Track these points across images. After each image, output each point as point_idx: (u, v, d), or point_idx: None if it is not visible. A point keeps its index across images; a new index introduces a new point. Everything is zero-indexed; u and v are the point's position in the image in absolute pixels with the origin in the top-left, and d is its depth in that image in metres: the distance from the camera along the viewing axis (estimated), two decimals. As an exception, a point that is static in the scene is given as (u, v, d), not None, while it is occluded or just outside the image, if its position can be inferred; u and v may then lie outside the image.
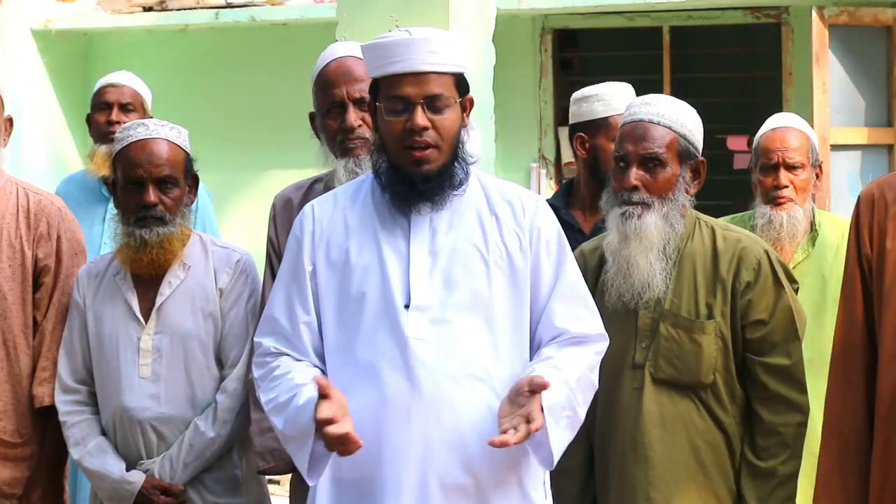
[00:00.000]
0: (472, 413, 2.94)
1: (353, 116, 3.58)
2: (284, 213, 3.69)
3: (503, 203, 3.07)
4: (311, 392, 2.90)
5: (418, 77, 2.97)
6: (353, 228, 3.05)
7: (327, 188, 3.58)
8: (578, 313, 3.05)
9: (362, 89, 3.55)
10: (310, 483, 2.97)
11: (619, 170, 3.45)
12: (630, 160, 3.42)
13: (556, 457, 2.93)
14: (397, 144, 2.99)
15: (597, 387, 3.08)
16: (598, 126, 4.25)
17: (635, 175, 3.41)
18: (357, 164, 3.56)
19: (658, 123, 3.42)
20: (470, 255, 3.01)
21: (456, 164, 3.02)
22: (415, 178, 2.98)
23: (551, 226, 3.09)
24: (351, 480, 2.98)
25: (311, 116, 3.73)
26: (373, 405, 2.93)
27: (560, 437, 2.93)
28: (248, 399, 3.64)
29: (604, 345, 3.09)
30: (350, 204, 3.09)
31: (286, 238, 3.56)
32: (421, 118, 2.97)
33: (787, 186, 4.22)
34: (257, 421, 3.56)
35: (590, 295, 3.11)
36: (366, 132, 3.56)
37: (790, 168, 4.24)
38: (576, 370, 2.98)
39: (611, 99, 4.25)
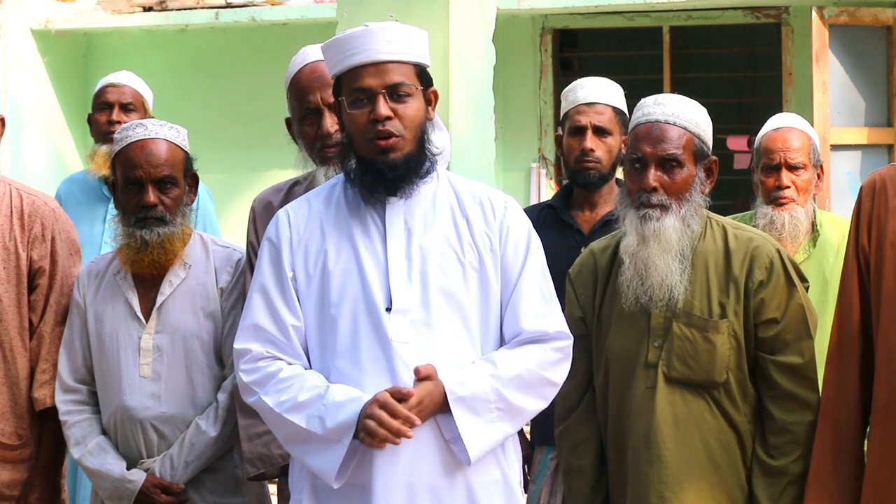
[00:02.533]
0: None
1: (330, 122, 3.57)
2: (265, 216, 3.66)
3: (474, 204, 3.08)
4: (348, 391, 2.91)
5: (378, 67, 2.98)
6: (330, 233, 3.05)
7: (308, 190, 3.57)
8: (538, 312, 3.04)
9: None
10: (335, 485, 2.93)
11: (636, 171, 3.44)
12: (648, 161, 3.41)
13: (477, 448, 2.92)
14: (363, 137, 3.00)
15: (555, 384, 3.05)
16: (563, 122, 4.29)
17: (654, 177, 3.40)
18: (338, 172, 3.54)
19: (674, 124, 3.41)
20: (446, 257, 3.02)
21: (422, 153, 3.03)
22: (382, 168, 2.98)
23: (521, 226, 3.10)
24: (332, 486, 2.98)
25: (288, 122, 3.72)
26: None
27: (482, 428, 2.92)
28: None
29: (565, 342, 3.06)
30: (324, 208, 3.09)
31: None
32: (383, 108, 2.97)
33: (788, 187, 4.22)
34: (245, 427, 3.55)
35: (553, 293, 3.10)
36: (343, 137, 3.56)
37: (792, 168, 4.24)
38: (516, 367, 2.97)
39: (572, 94, 4.27)
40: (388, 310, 2.96)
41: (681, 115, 3.43)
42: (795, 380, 3.42)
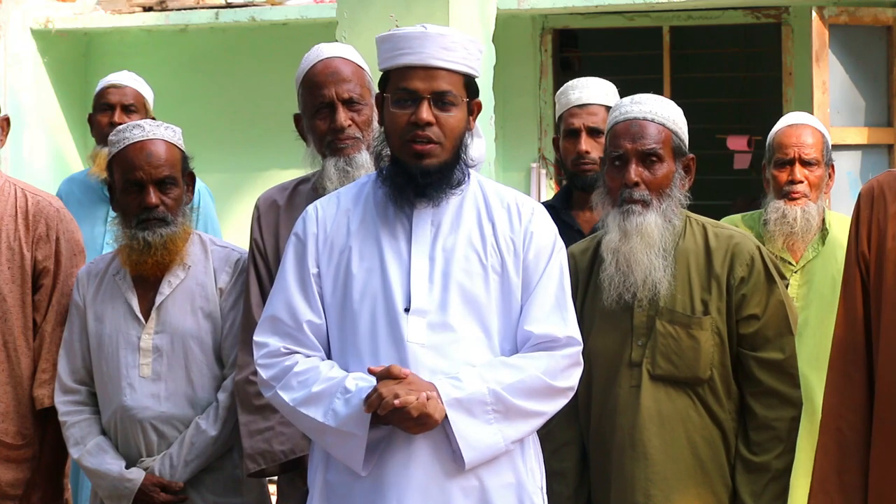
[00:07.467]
0: None
1: (343, 116, 3.57)
2: (269, 215, 3.67)
3: (501, 208, 3.08)
4: (360, 381, 2.90)
5: (428, 72, 2.98)
6: (355, 231, 3.05)
7: (314, 189, 3.58)
8: (549, 317, 3.02)
9: (350, 89, 3.56)
10: (362, 473, 2.93)
11: (616, 168, 3.46)
12: (629, 157, 3.43)
13: (471, 450, 2.90)
14: (400, 137, 3.00)
15: (562, 390, 3.02)
16: (558, 124, 4.31)
17: (635, 171, 3.42)
18: (348, 163, 3.55)
19: (652, 121, 3.45)
20: (469, 260, 3.01)
21: (456, 164, 3.03)
22: (414, 172, 2.99)
23: (546, 232, 3.09)
24: (346, 483, 2.98)
25: (297, 118, 3.72)
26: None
27: (478, 429, 2.90)
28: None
29: (574, 348, 3.04)
30: (353, 206, 3.09)
31: (272, 240, 3.56)
32: (426, 112, 2.97)
33: (802, 182, 4.24)
34: (246, 423, 3.54)
35: (570, 299, 3.08)
36: (356, 132, 3.56)
37: (805, 164, 4.26)
38: (517, 371, 2.95)
39: (564, 97, 4.29)
40: (407, 310, 2.96)
41: (658, 112, 3.46)
42: (777, 376, 3.44)
